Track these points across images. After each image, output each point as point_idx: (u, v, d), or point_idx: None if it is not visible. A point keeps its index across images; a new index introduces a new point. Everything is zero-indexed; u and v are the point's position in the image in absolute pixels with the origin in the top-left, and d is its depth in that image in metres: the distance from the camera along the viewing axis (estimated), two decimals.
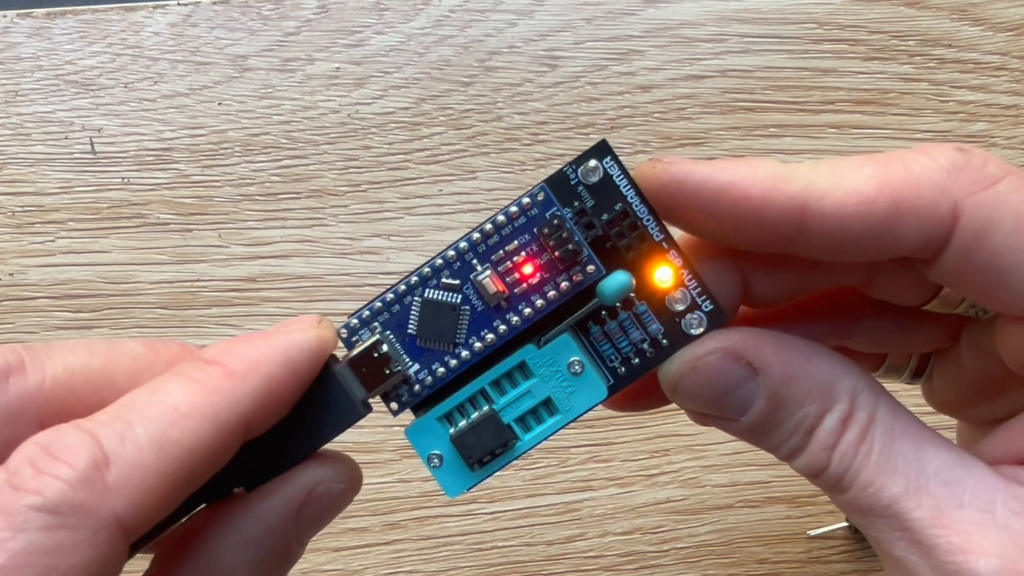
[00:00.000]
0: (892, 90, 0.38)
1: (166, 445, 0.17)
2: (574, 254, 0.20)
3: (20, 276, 0.37)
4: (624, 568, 0.36)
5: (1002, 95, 0.38)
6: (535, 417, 0.21)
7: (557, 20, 0.38)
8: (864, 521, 0.21)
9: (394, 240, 0.37)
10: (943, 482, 0.20)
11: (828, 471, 0.20)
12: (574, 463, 0.36)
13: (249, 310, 0.37)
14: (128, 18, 0.38)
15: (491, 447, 0.21)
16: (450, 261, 0.21)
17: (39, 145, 0.37)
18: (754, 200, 0.19)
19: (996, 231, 0.18)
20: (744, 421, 0.21)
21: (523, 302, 0.21)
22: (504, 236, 0.21)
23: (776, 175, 0.19)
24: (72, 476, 0.16)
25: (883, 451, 0.20)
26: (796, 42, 0.38)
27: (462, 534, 0.36)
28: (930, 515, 0.19)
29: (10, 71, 0.38)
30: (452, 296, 0.21)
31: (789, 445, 0.21)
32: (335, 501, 0.20)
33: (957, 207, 0.18)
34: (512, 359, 0.21)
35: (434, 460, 0.21)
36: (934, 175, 0.18)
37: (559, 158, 0.37)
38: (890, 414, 0.20)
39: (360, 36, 0.38)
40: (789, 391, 0.20)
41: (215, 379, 0.18)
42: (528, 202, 0.21)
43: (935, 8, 0.39)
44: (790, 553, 0.36)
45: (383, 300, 0.21)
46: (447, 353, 0.21)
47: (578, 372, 0.21)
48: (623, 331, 0.21)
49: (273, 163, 0.38)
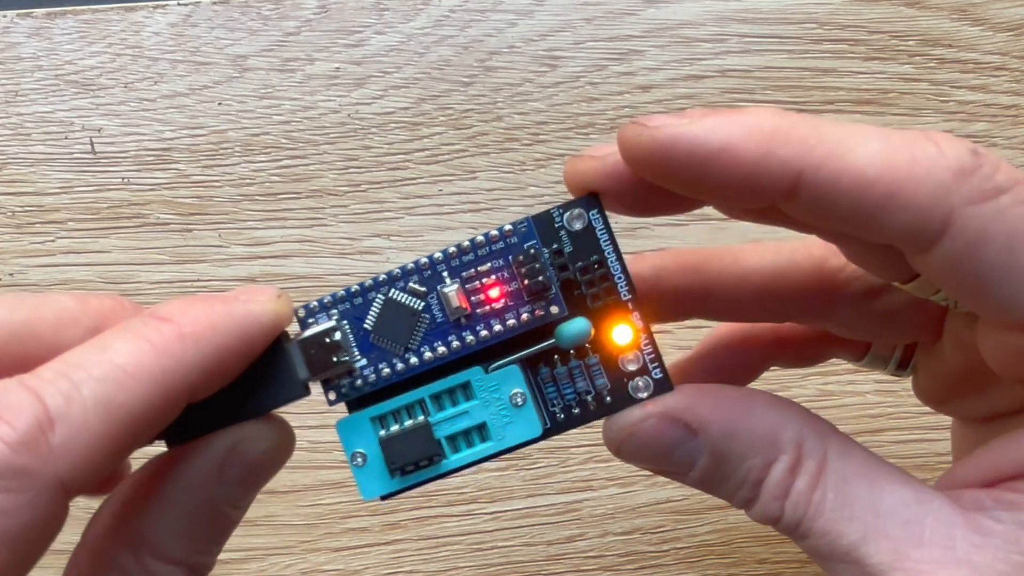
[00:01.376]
0: (892, 90, 0.38)
1: (112, 408, 0.17)
2: (543, 288, 0.21)
3: (20, 276, 0.37)
4: (624, 568, 0.36)
5: (1002, 95, 0.38)
6: (466, 440, 0.21)
7: (557, 20, 0.38)
8: (827, 566, 0.21)
9: (394, 240, 0.37)
10: (902, 521, 0.19)
11: (783, 520, 0.20)
12: (574, 463, 0.36)
13: None
14: (128, 18, 0.38)
15: (417, 457, 0.20)
16: (421, 268, 0.21)
17: (39, 145, 0.37)
18: (746, 166, 0.18)
19: (987, 245, 0.18)
20: (692, 476, 0.21)
21: (482, 324, 0.21)
22: (479, 256, 0.21)
23: (773, 135, 0.18)
24: (13, 438, 0.16)
25: (837, 497, 0.20)
26: (796, 42, 0.38)
27: (462, 534, 0.36)
28: (890, 558, 0.19)
29: (10, 71, 0.38)
30: (416, 301, 0.21)
31: (740, 496, 0.21)
32: (260, 460, 0.20)
33: (953, 214, 0.17)
34: (458, 377, 0.21)
35: (357, 459, 0.21)
36: (939, 174, 0.17)
37: (559, 158, 0.37)
38: (841, 457, 0.20)
39: (360, 36, 0.38)
40: (730, 447, 0.20)
41: (166, 340, 0.18)
42: (510, 229, 0.21)
43: (935, 8, 0.39)
44: (790, 553, 0.36)
45: (347, 290, 0.21)
46: (397, 356, 0.21)
47: (519, 404, 0.21)
48: (571, 378, 0.21)
49: (273, 163, 0.38)
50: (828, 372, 0.36)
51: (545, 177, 0.37)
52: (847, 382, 0.36)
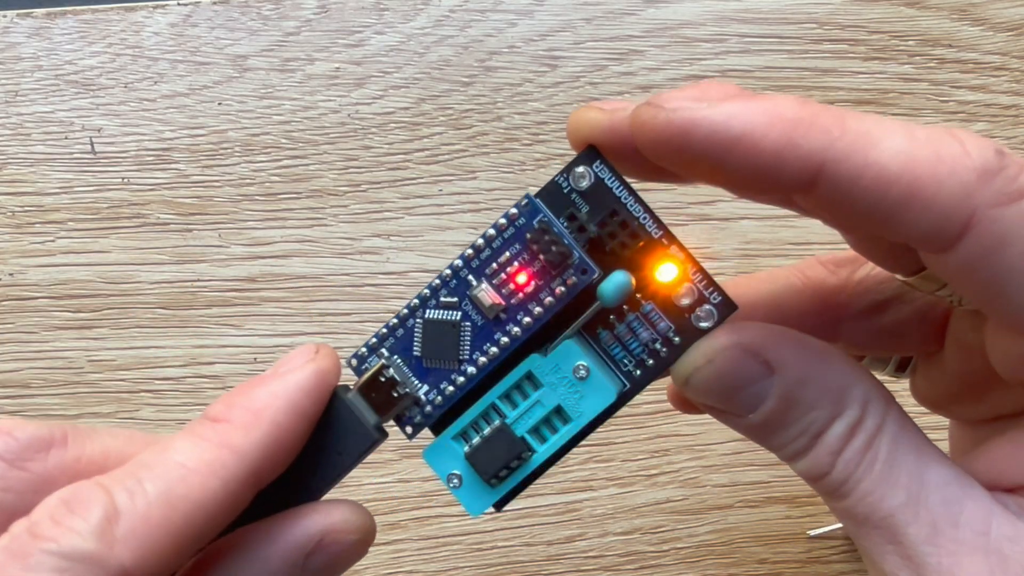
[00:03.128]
0: (892, 90, 0.38)
1: (173, 499, 0.18)
2: (564, 256, 0.20)
3: (20, 276, 0.37)
4: (624, 568, 0.36)
5: (1002, 95, 0.38)
6: (549, 427, 0.21)
7: (557, 20, 0.38)
8: (858, 530, 0.20)
9: (394, 240, 0.37)
10: (942, 499, 0.19)
11: (830, 476, 0.20)
12: (574, 463, 0.36)
13: (249, 310, 0.37)
14: (128, 18, 0.38)
15: (505, 460, 0.20)
16: (447, 280, 0.21)
17: (39, 145, 0.37)
18: (766, 156, 0.17)
19: (1008, 249, 0.17)
20: (752, 419, 0.20)
21: (521, 311, 0.20)
22: (496, 249, 0.21)
23: (796, 124, 0.17)
24: (84, 528, 0.17)
25: (887, 461, 0.20)
26: (796, 42, 0.38)
27: (462, 534, 0.36)
28: (925, 532, 0.19)
29: (10, 71, 0.38)
30: (452, 314, 0.21)
31: (794, 447, 0.20)
32: (345, 552, 0.20)
33: (975, 216, 0.17)
34: (518, 370, 0.20)
35: (453, 480, 0.21)
36: (963, 175, 0.17)
37: (559, 158, 0.37)
38: (898, 425, 0.20)
39: (360, 36, 0.38)
40: (802, 393, 0.20)
41: (221, 435, 0.19)
42: (515, 212, 0.20)
43: (935, 8, 0.39)
44: (790, 553, 0.36)
45: (388, 326, 0.21)
46: (453, 371, 0.21)
47: (584, 376, 0.20)
48: (632, 333, 0.21)
49: (273, 163, 0.38)
50: None
51: (545, 177, 0.37)
52: None
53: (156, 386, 0.37)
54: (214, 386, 0.37)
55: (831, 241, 0.31)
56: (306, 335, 0.37)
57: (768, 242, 0.37)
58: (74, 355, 0.37)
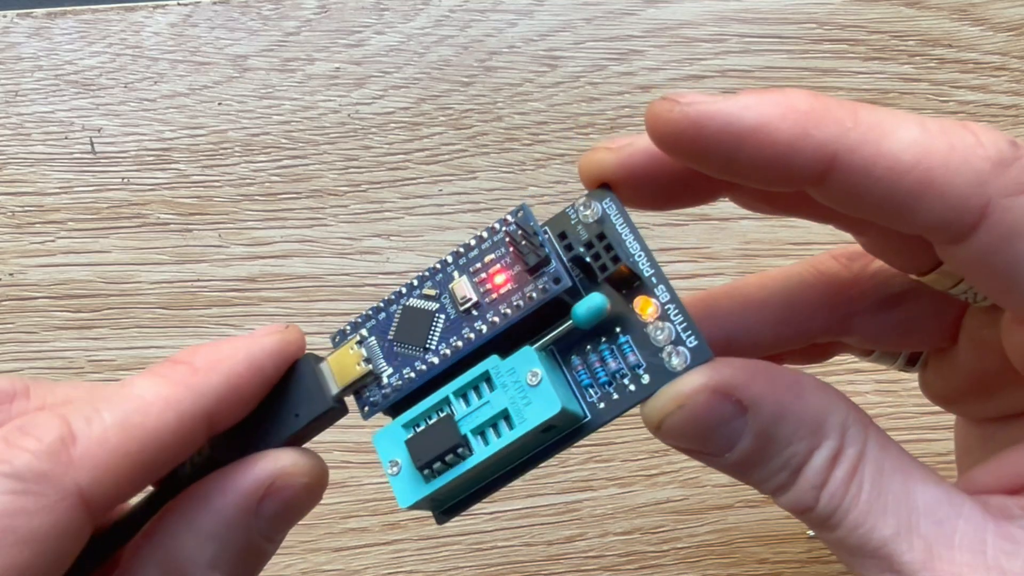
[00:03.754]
0: (892, 90, 0.38)
1: (129, 427, 0.19)
2: (541, 262, 0.20)
3: (20, 276, 0.37)
4: (624, 568, 0.36)
5: (1002, 95, 0.38)
6: (494, 431, 0.20)
7: (557, 20, 0.38)
8: (853, 560, 0.20)
9: (394, 240, 0.37)
10: (934, 521, 0.19)
11: (816, 510, 0.20)
12: (574, 463, 0.36)
13: (249, 310, 0.37)
14: (128, 18, 0.38)
15: (440, 451, 0.20)
16: (434, 273, 0.22)
17: (39, 145, 0.37)
18: (780, 146, 0.17)
19: (1021, 239, 0.17)
20: (729, 458, 0.20)
21: (491, 311, 0.21)
22: (483, 250, 0.21)
23: (809, 115, 0.17)
24: (38, 448, 0.18)
25: (872, 489, 0.19)
26: (796, 42, 0.38)
27: (462, 534, 0.36)
28: (922, 557, 0.19)
29: (10, 71, 0.38)
30: (429, 304, 0.21)
31: (775, 482, 0.20)
32: (297, 495, 0.20)
33: (989, 205, 0.17)
34: (476, 369, 0.20)
35: (393, 467, 0.21)
36: (977, 164, 0.17)
37: (559, 158, 0.37)
38: (879, 448, 0.20)
39: (360, 36, 0.38)
40: (778, 428, 0.19)
41: (180, 374, 0.20)
42: (508, 219, 0.21)
43: (935, 8, 0.39)
44: (790, 553, 0.36)
45: (374, 308, 0.22)
46: (417, 358, 0.21)
47: (534, 384, 0.20)
48: (602, 361, 0.20)
49: (273, 163, 0.38)
50: (828, 372, 0.36)
51: (545, 177, 0.37)
52: (847, 382, 0.36)
53: None
54: None
55: (831, 241, 0.31)
56: (306, 335, 0.37)
57: (768, 242, 0.37)
58: (74, 355, 0.37)
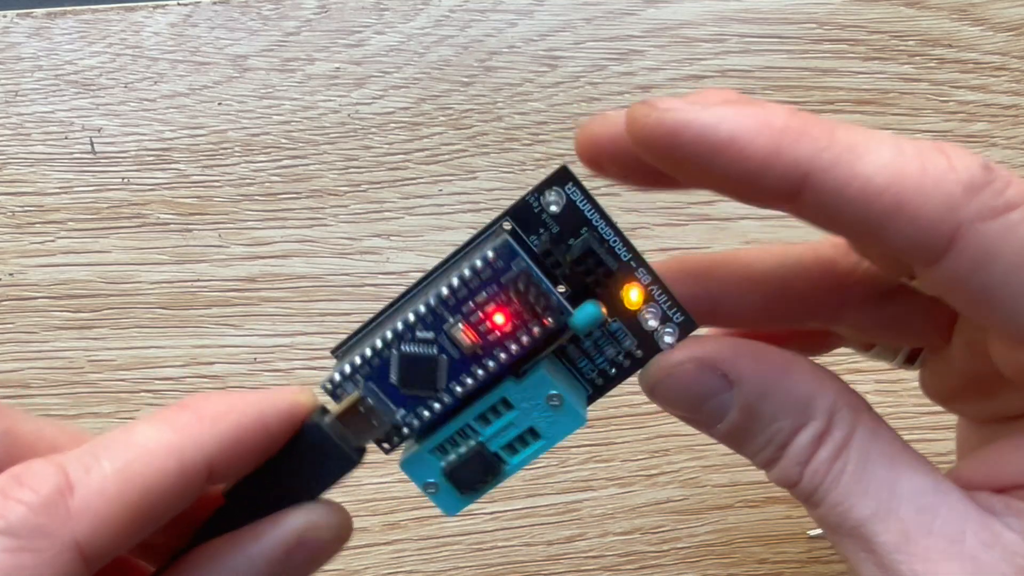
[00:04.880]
0: (892, 90, 0.38)
1: (129, 476, 0.18)
2: (543, 300, 0.20)
3: (20, 276, 0.37)
4: (624, 568, 0.36)
5: (1002, 95, 0.38)
6: (521, 443, 0.22)
7: (557, 20, 0.38)
8: (833, 537, 0.21)
9: (394, 240, 0.37)
10: (915, 507, 0.19)
11: (800, 486, 0.20)
12: (574, 463, 0.36)
13: (249, 310, 0.37)
14: (128, 18, 0.38)
15: (481, 477, 0.21)
16: (422, 317, 0.21)
17: (39, 145, 0.37)
18: (753, 161, 0.17)
19: (995, 262, 0.17)
20: (719, 429, 0.21)
21: (498, 348, 0.21)
22: (473, 289, 0.21)
23: (784, 132, 0.17)
24: (35, 500, 0.17)
25: (856, 472, 0.20)
26: (796, 42, 0.38)
27: (462, 534, 0.36)
28: (896, 540, 0.19)
29: (10, 71, 0.38)
30: (428, 348, 0.21)
31: (763, 456, 0.21)
32: (324, 547, 0.21)
33: (960, 229, 0.17)
34: (494, 395, 0.21)
35: (430, 488, 0.22)
36: (949, 188, 0.17)
37: (559, 158, 0.37)
38: (869, 434, 0.20)
39: (360, 36, 0.38)
40: (763, 405, 0.20)
41: (184, 420, 0.19)
42: (493, 256, 0.20)
43: (935, 8, 0.39)
44: (790, 553, 0.36)
45: (363, 356, 0.21)
46: (430, 398, 0.21)
47: (556, 405, 0.21)
48: (599, 349, 0.22)
49: (273, 163, 0.38)
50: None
51: None
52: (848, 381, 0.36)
53: (156, 386, 0.37)
54: (214, 386, 0.37)
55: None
56: (306, 335, 0.37)
57: (768, 242, 0.37)
58: (74, 355, 0.37)
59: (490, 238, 0.21)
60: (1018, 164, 0.38)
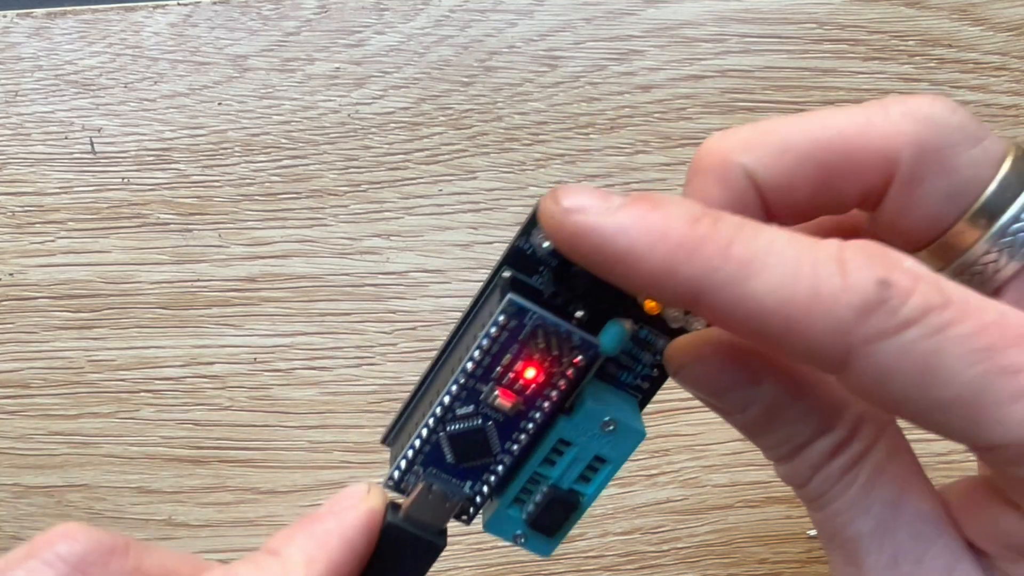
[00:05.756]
0: (892, 90, 0.38)
1: None
2: (566, 343, 0.20)
3: (20, 276, 0.37)
4: (624, 568, 0.36)
5: (1002, 95, 0.38)
6: (591, 471, 0.22)
7: (557, 20, 0.38)
8: (826, 544, 0.21)
9: (394, 240, 0.37)
10: (911, 534, 0.19)
11: (807, 488, 0.20)
12: None
13: (249, 310, 0.37)
14: (128, 18, 0.38)
15: (564, 518, 0.22)
16: (457, 396, 0.21)
17: (39, 145, 0.37)
18: (647, 277, 0.17)
19: (893, 381, 0.17)
20: (739, 419, 0.21)
21: (539, 399, 0.21)
22: (496, 354, 0.21)
23: (678, 248, 0.17)
24: None
25: (865, 486, 0.20)
26: (796, 42, 0.38)
27: (462, 534, 0.36)
28: (884, 563, 0.19)
29: (10, 71, 0.38)
30: (473, 422, 0.21)
31: (777, 452, 0.21)
32: None
33: (851, 352, 0.16)
34: (551, 437, 0.21)
35: (520, 539, 0.22)
36: (839, 312, 0.16)
37: (559, 158, 0.37)
38: (887, 452, 0.20)
39: (360, 36, 0.38)
40: (787, 407, 0.20)
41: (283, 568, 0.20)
42: (504, 319, 0.20)
43: (935, 8, 0.39)
44: (790, 553, 0.36)
45: (413, 447, 0.21)
46: (491, 464, 0.22)
47: (613, 430, 0.21)
48: (635, 359, 0.22)
49: (273, 163, 0.38)
50: None
51: (545, 177, 0.37)
52: None
53: (156, 386, 0.37)
54: (214, 386, 0.37)
55: None
56: (306, 335, 0.37)
57: None
58: (74, 355, 0.37)
59: (495, 292, 0.21)
60: None
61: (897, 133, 0.19)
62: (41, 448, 0.37)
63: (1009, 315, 0.17)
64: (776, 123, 0.20)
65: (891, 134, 0.19)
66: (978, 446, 0.17)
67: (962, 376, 0.16)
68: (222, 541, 0.37)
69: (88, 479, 0.37)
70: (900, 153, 0.19)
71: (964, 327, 0.16)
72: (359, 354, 0.37)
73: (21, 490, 0.37)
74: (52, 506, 0.37)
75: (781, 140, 0.20)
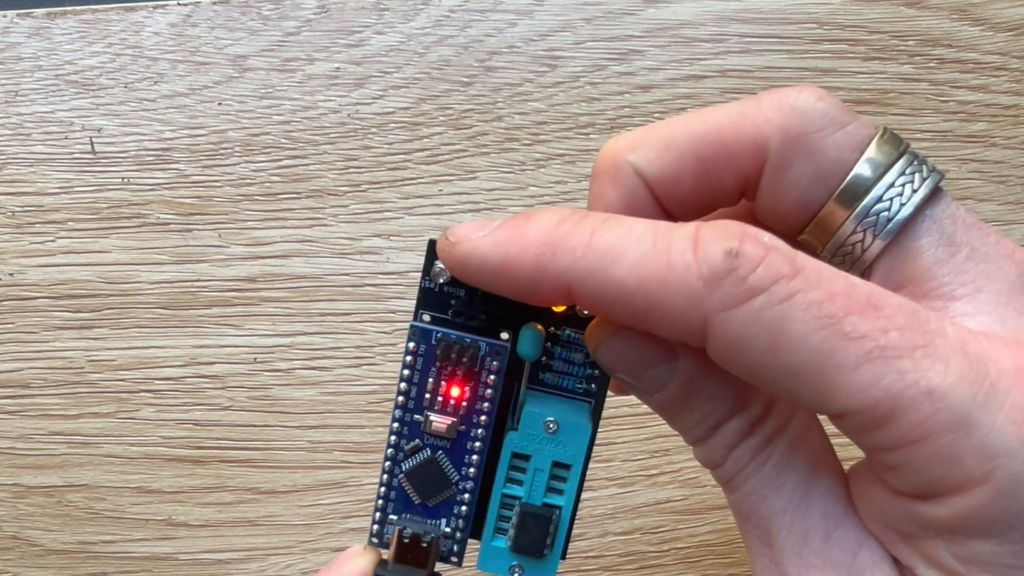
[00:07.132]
0: (892, 90, 0.38)
1: None
2: (474, 353, 0.21)
3: (20, 276, 0.37)
4: (624, 568, 0.36)
5: (1002, 95, 0.38)
6: (558, 480, 0.22)
7: (557, 20, 0.38)
8: (741, 526, 0.21)
9: (394, 240, 0.37)
10: (822, 512, 0.20)
11: (722, 468, 0.21)
12: None
13: (249, 310, 0.37)
14: (128, 18, 0.38)
15: (545, 531, 0.22)
16: (400, 433, 0.22)
17: (39, 145, 0.37)
18: (524, 280, 0.19)
19: (747, 348, 0.17)
20: (657, 398, 0.21)
21: (474, 414, 0.22)
22: (419, 383, 0.22)
23: (545, 248, 0.19)
24: None
25: (778, 464, 0.20)
26: (796, 42, 0.38)
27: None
28: (794, 540, 0.20)
29: (10, 71, 0.38)
30: (422, 454, 0.22)
31: (694, 433, 0.21)
32: None
33: (706, 321, 0.17)
34: (504, 456, 0.22)
35: (516, 570, 0.22)
36: (691, 283, 0.17)
37: (559, 158, 0.37)
38: (801, 431, 0.20)
39: (360, 36, 0.38)
40: (704, 382, 0.20)
41: None
42: (414, 346, 0.22)
43: (935, 8, 0.39)
44: None
45: (379, 495, 0.22)
46: (454, 494, 0.22)
47: (555, 429, 0.21)
48: (568, 361, 0.22)
49: (273, 163, 0.38)
50: None
51: (545, 177, 0.37)
52: None
53: (156, 386, 0.37)
54: (214, 386, 0.37)
55: None
56: (306, 335, 0.37)
57: None
58: (74, 355, 0.37)
59: None
60: (1018, 164, 0.38)
61: (766, 122, 0.20)
62: (41, 448, 0.37)
63: (859, 285, 0.18)
64: (662, 122, 0.22)
65: (760, 123, 0.20)
66: (830, 413, 0.18)
67: (808, 342, 0.17)
68: (222, 541, 0.37)
69: (88, 479, 0.37)
70: (769, 140, 0.20)
71: (812, 295, 0.17)
72: (359, 354, 0.37)
73: (21, 490, 0.37)
74: (52, 506, 0.37)
75: (664, 136, 0.21)
